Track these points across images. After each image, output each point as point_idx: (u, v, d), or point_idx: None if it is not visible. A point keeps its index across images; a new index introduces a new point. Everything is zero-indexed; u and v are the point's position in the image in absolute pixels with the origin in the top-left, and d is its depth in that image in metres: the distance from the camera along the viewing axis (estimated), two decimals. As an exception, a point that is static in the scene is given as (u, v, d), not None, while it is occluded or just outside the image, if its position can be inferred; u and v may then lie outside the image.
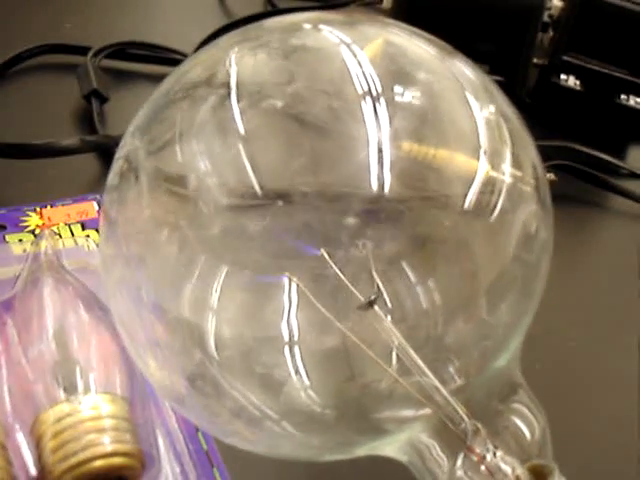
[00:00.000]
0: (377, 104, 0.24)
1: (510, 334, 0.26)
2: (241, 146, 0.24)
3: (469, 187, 0.24)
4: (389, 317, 0.25)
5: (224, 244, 0.25)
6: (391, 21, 0.29)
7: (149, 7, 0.63)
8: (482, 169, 0.25)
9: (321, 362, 0.26)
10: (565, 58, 0.54)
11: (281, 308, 0.25)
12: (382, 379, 0.26)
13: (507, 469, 0.25)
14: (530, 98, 0.57)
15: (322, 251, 0.25)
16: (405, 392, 0.25)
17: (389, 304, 0.25)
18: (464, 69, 0.27)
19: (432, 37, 0.28)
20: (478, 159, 0.25)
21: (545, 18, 0.52)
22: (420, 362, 0.25)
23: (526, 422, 0.26)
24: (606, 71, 0.54)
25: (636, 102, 0.54)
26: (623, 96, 0.55)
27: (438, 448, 0.26)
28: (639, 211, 0.50)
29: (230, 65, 0.25)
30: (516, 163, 0.26)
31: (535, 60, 0.56)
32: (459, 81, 0.26)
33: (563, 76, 0.54)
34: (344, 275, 0.25)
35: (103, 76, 0.47)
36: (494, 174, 0.25)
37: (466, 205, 0.24)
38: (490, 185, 0.25)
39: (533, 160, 0.27)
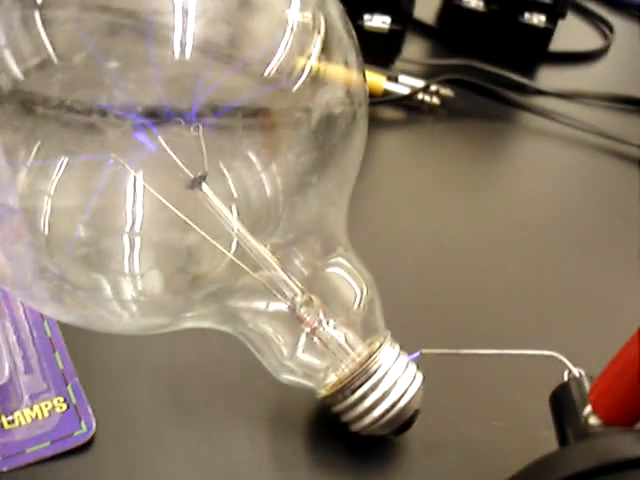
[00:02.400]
0: None
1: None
2: (37, 14, 0.24)
3: (273, 56, 0.24)
4: (234, 208, 0.26)
5: (57, 136, 0.25)
6: None
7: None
8: (287, 43, 0.25)
9: (158, 251, 0.26)
10: (467, -21, 0.54)
11: (118, 198, 0.25)
12: (217, 268, 0.26)
13: (340, 337, 0.25)
14: (437, 22, 0.58)
15: (159, 139, 0.25)
16: (239, 280, 0.26)
17: (234, 193, 0.26)
18: None
19: None
20: (285, 32, 0.25)
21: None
22: (249, 236, 0.25)
23: (348, 289, 0.26)
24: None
25: (539, 20, 0.54)
26: (527, 15, 0.55)
27: (280, 331, 0.26)
28: (542, 126, 0.50)
29: None
30: (326, 51, 0.26)
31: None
32: None
33: (466, -3, 0.55)
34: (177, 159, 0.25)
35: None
36: (299, 50, 0.25)
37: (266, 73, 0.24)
38: (294, 60, 0.25)
39: (348, 61, 0.27)
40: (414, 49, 0.54)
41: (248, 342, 0.26)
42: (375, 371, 0.25)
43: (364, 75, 0.28)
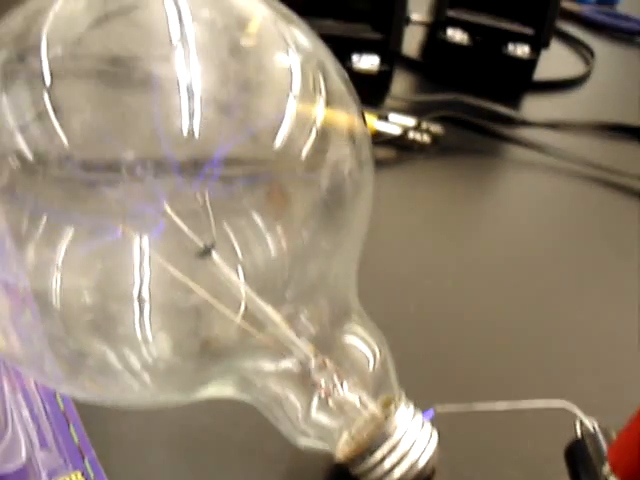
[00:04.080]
0: (190, 56, 0.25)
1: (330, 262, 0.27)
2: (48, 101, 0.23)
3: (278, 128, 0.25)
4: (240, 268, 0.26)
5: (62, 206, 0.25)
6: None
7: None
8: (291, 111, 0.25)
9: (169, 317, 0.26)
10: (450, 14, 0.55)
11: (127, 265, 0.25)
12: (228, 331, 0.26)
13: (354, 401, 0.26)
14: (421, 56, 0.58)
15: (166, 207, 0.25)
16: (249, 342, 0.26)
17: (239, 254, 0.26)
18: (295, 33, 0.27)
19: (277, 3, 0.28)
20: (288, 102, 0.25)
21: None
22: (258, 300, 0.26)
23: (362, 352, 0.26)
24: (491, 23, 0.55)
25: (523, 51, 0.55)
26: (511, 46, 0.55)
27: (292, 393, 0.26)
28: (531, 158, 0.50)
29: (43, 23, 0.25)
30: (329, 110, 0.26)
31: (423, 18, 0.57)
32: (284, 40, 0.27)
33: (450, 32, 0.55)
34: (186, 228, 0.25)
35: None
36: (303, 116, 0.26)
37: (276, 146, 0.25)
38: (300, 126, 0.25)
39: (349, 110, 0.27)
40: (400, 84, 0.55)
41: (263, 408, 0.26)
42: (393, 433, 0.25)
43: (365, 123, 0.28)
